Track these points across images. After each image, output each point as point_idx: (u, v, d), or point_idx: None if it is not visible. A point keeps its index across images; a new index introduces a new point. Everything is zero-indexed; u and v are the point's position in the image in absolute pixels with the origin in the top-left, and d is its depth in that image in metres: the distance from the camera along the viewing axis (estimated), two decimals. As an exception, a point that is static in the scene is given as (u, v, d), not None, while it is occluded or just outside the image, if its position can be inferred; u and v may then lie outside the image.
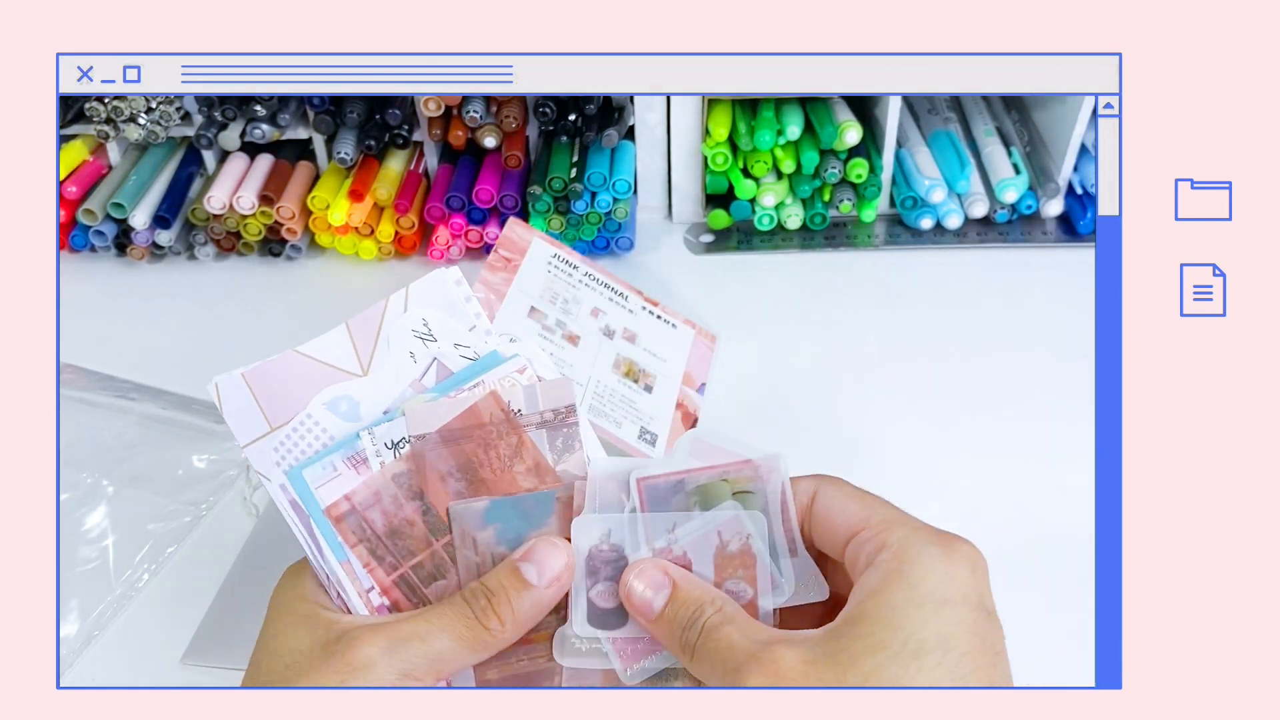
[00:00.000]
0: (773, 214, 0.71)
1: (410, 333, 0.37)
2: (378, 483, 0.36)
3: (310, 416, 0.36)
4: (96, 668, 0.48)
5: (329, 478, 0.35)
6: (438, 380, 0.37)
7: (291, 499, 0.36)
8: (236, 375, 0.36)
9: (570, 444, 0.36)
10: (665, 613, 0.34)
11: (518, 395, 0.36)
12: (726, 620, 0.33)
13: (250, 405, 0.36)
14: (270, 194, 0.68)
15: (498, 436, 0.36)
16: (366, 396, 0.37)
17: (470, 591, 0.35)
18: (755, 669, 0.31)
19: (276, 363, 0.37)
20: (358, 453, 0.36)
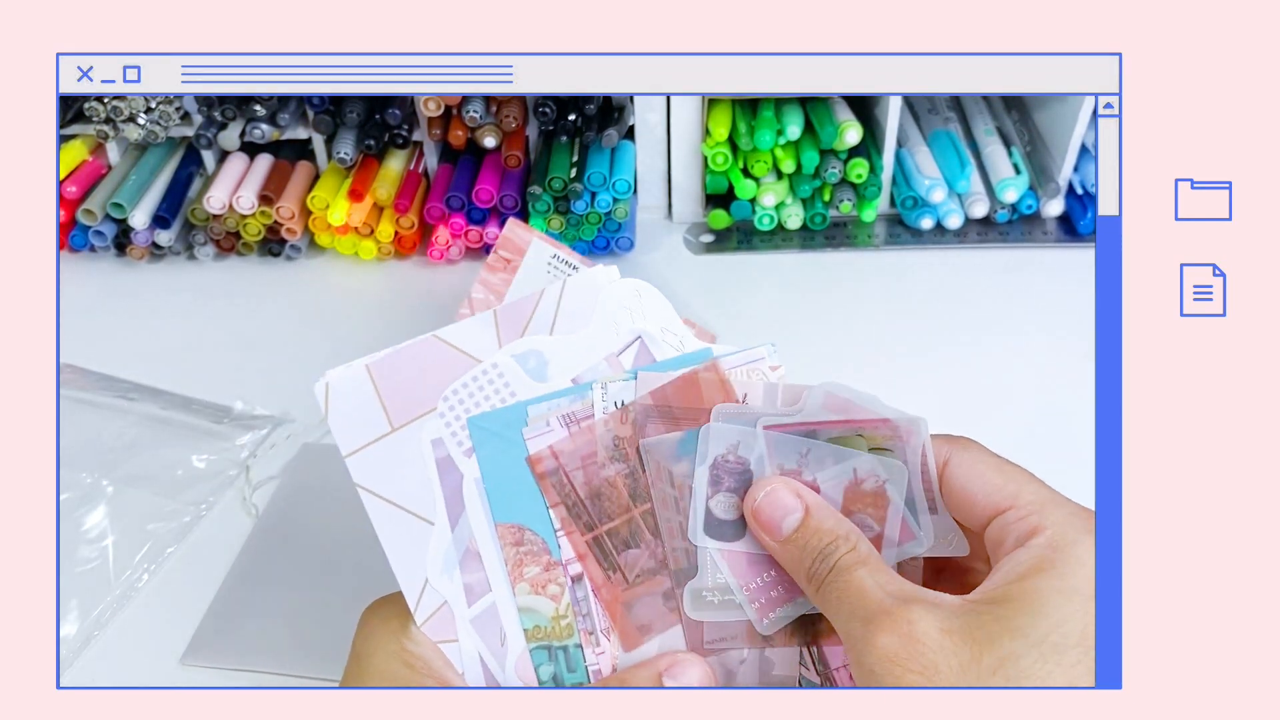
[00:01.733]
0: (773, 214, 0.71)
1: (619, 302, 0.34)
2: (588, 440, 0.33)
3: (495, 366, 0.33)
4: (96, 668, 0.48)
5: (539, 432, 0.33)
6: (636, 363, 0.34)
7: (443, 457, 0.33)
8: (359, 366, 0.33)
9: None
10: (795, 537, 0.32)
11: (755, 389, 0.34)
12: (860, 561, 0.32)
13: (370, 401, 0.33)
14: (270, 194, 0.68)
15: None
16: (558, 356, 0.34)
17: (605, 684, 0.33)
18: (888, 626, 0.29)
19: (409, 350, 0.33)
20: (577, 409, 0.33)
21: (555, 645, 0.33)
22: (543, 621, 0.34)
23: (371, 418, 0.33)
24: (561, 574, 0.33)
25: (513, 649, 0.33)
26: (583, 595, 0.33)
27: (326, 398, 0.33)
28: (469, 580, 0.33)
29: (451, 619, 0.33)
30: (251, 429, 0.58)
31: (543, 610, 0.33)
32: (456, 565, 0.33)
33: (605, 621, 0.33)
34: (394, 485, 0.33)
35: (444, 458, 0.33)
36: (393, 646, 0.33)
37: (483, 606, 0.33)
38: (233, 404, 0.60)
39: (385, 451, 0.33)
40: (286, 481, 0.56)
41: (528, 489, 0.33)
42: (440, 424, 0.33)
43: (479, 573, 0.33)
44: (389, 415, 0.33)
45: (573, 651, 0.33)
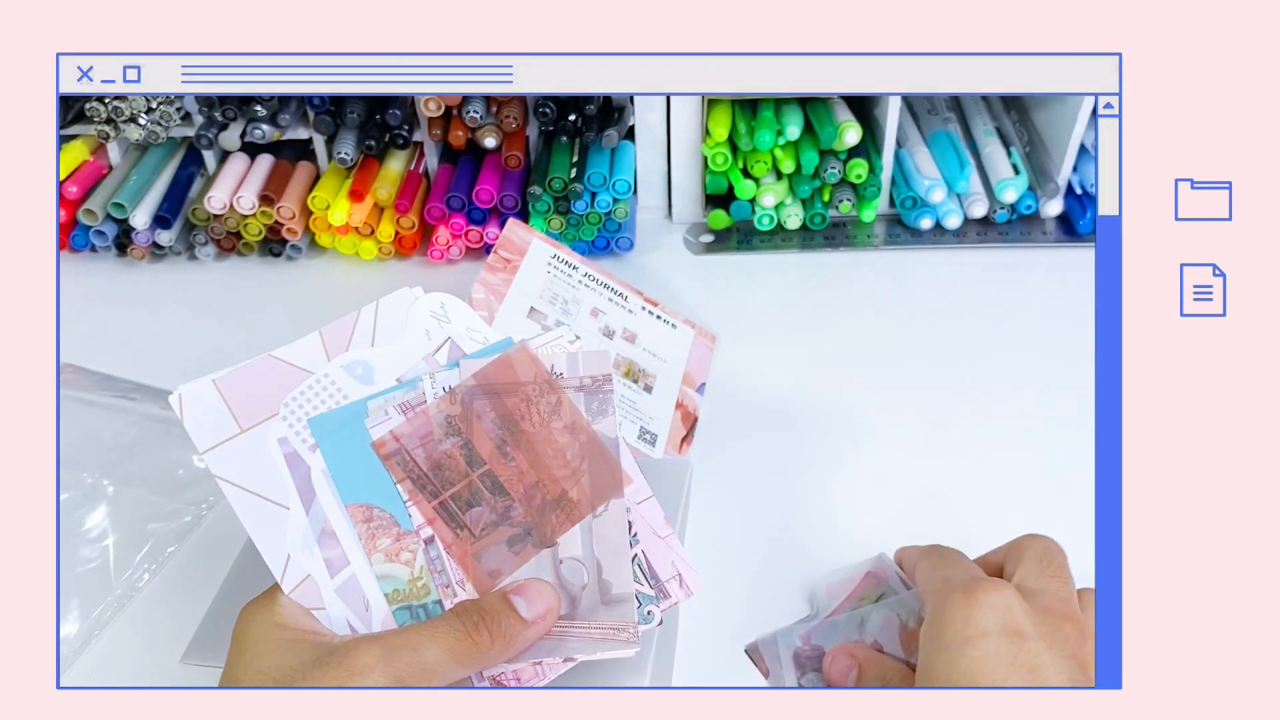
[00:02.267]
0: (772, 214, 0.71)
1: (428, 313, 0.40)
2: (424, 422, 0.38)
3: (328, 376, 0.39)
4: (96, 668, 0.48)
5: (380, 421, 0.38)
6: (450, 358, 0.40)
7: (290, 453, 0.38)
8: (206, 382, 0.39)
9: (604, 408, 0.39)
10: (858, 683, 0.41)
11: (560, 359, 0.39)
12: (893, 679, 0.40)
13: (219, 409, 0.38)
14: (270, 194, 0.68)
15: (538, 394, 0.39)
16: (381, 363, 0.39)
17: (462, 608, 0.36)
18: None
19: (250, 368, 0.39)
20: (410, 399, 0.38)
21: (415, 604, 0.38)
22: (401, 585, 0.38)
23: (221, 421, 0.38)
24: (412, 541, 0.38)
25: (376, 612, 0.37)
26: (435, 555, 0.38)
27: (180, 406, 0.38)
28: (328, 555, 0.38)
29: (317, 588, 0.37)
30: (252, 429, 0.58)
31: (399, 575, 0.38)
32: (315, 543, 0.38)
33: (459, 574, 0.38)
34: (248, 476, 0.38)
35: (290, 453, 0.38)
36: (262, 615, 0.36)
37: (344, 578, 0.37)
38: (233, 404, 0.60)
39: (237, 448, 0.38)
40: (286, 481, 0.56)
41: (370, 473, 0.38)
42: (284, 425, 0.38)
43: (336, 549, 0.38)
44: (237, 419, 0.38)
45: (431, 607, 0.37)
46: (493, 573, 0.37)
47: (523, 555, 0.38)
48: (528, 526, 0.38)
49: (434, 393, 0.39)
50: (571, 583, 0.38)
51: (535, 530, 0.38)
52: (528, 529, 0.38)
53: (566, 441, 0.38)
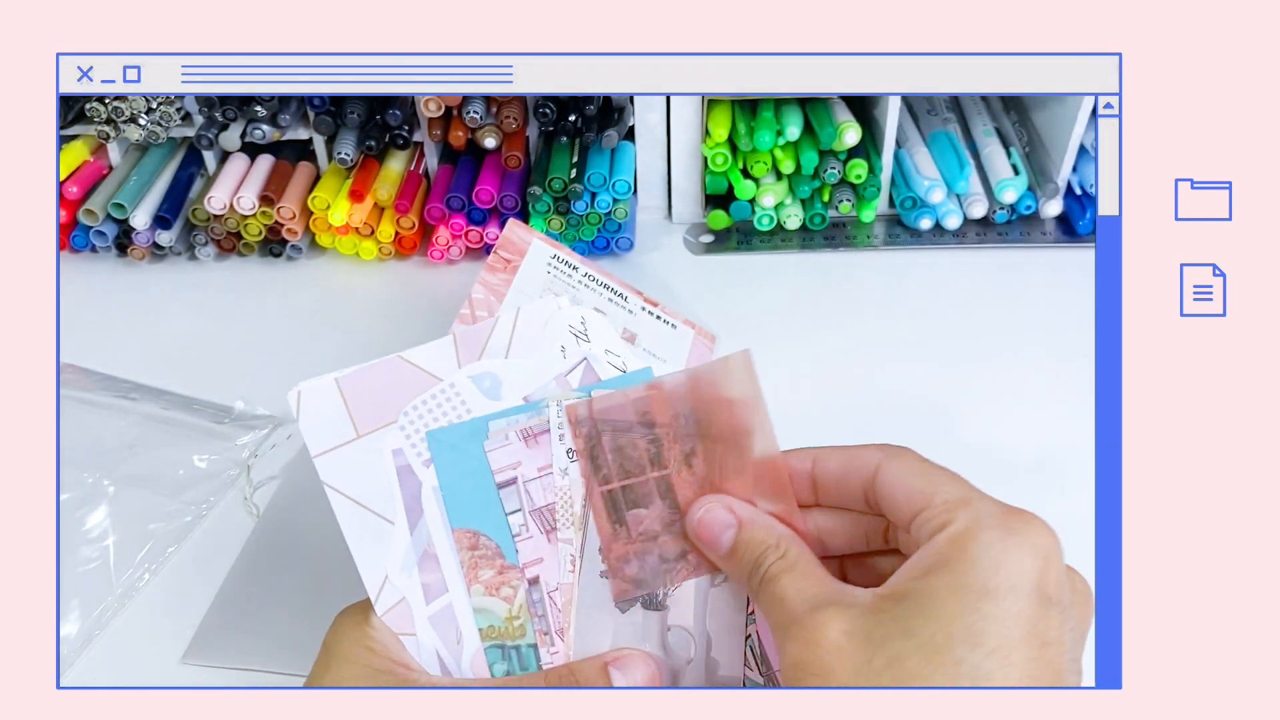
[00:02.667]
0: (772, 214, 0.71)
1: (567, 328, 0.37)
2: (546, 452, 0.36)
3: (453, 386, 0.36)
4: (96, 668, 0.48)
5: (500, 445, 0.36)
6: (583, 382, 0.37)
7: (403, 465, 0.35)
8: (329, 380, 0.36)
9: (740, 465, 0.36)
10: (734, 552, 0.34)
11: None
12: (786, 569, 0.33)
13: (338, 411, 0.36)
14: (271, 194, 0.68)
15: (673, 439, 0.36)
16: (510, 377, 0.37)
17: (557, 675, 0.34)
18: (795, 634, 0.30)
19: (374, 369, 0.36)
20: (533, 425, 0.36)
21: (509, 645, 0.36)
22: (496, 622, 0.36)
23: (338, 425, 0.36)
24: (515, 577, 0.36)
25: (468, 647, 0.35)
26: (538, 597, 0.36)
27: (298, 404, 0.36)
28: (426, 580, 0.36)
29: (410, 613, 0.35)
30: (252, 429, 0.59)
31: (497, 611, 0.36)
32: (415, 565, 0.36)
33: (559, 622, 0.35)
34: (358, 486, 0.36)
35: (404, 466, 0.36)
36: (355, 634, 0.35)
37: (440, 605, 0.36)
38: (234, 404, 0.60)
39: (350, 455, 0.36)
40: (287, 481, 0.56)
41: (482, 497, 0.36)
42: (400, 436, 0.36)
43: (436, 574, 0.36)
44: (355, 423, 0.36)
45: (525, 650, 0.35)
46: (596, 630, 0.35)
47: (674, 574, 0.35)
48: (685, 549, 0.35)
49: (558, 421, 0.36)
50: (677, 654, 0.35)
51: (692, 554, 0.35)
52: (684, 551, 0.35)
53: (689, 498, 0.35)
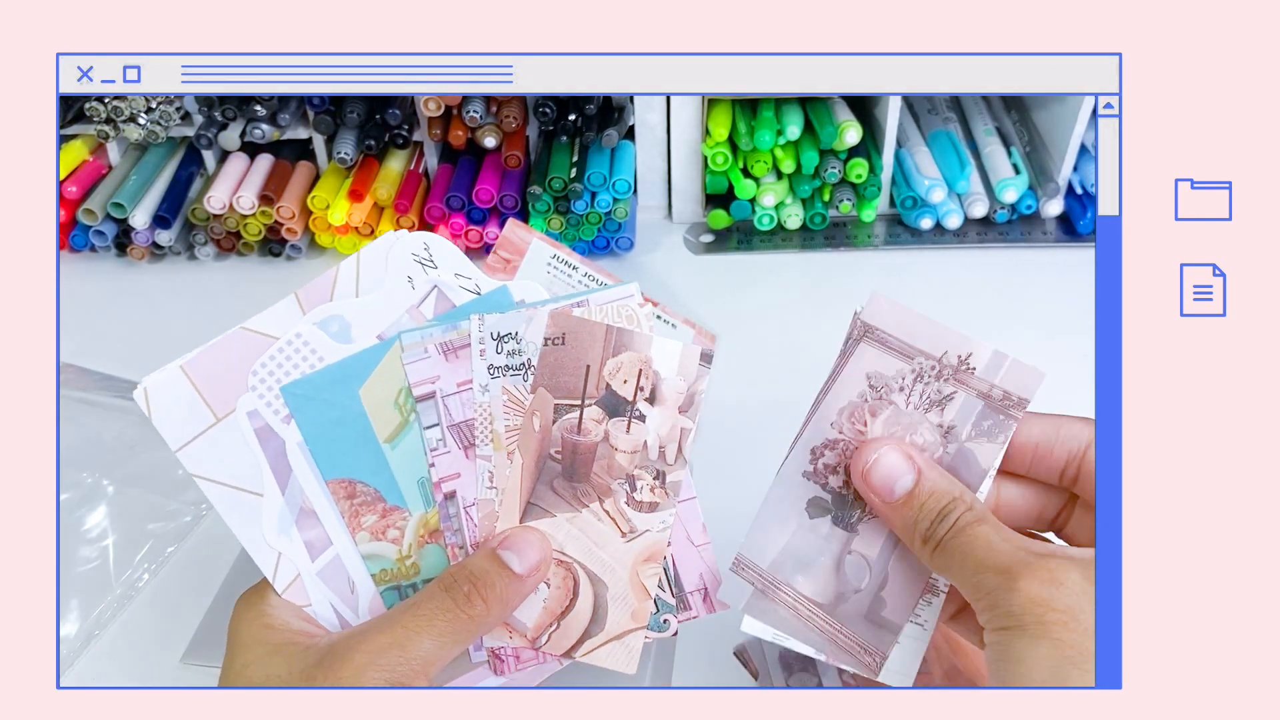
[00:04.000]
0: (773, 214, 0.71)
1: (410, 256, 0.36)
2: (467, 371, 0.35)
3: (300, 336, 0.35)
4: (96, 668, 0.48)
5: (417, 357, 0.34)
6: (436, 311, 0.36)
7: (261, 427, 0.34)
8: (174, 369, 0.35)
9: (994, 433, 0.34)
10: (909, 499, 0.33)
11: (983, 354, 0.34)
12: (980, 519, 0.32)
13: (190, 398, 0.35)
14: (270, 194, 0.68)
15: (936, 376, 0.34)
16: (359, 317, 0.35)
17: (450, 579, 0.34)
18: (1031, 573, 0.30)
19: (219, 346, 0.35)
20: (452, 339, 0.34)
21: (405, 584, 0.35)
22: (388, 565, 0.35)
23: (195, 412, 0.35)
24: (400, 518, 0.35)
25: (363, 594, 0.35)
26: (454, 511, 0.35)
27: (147, 401, 0.35)
28: (308, 537, 0.35)
29: (306, 588, 0.35)
30: (251, 429, 0.59)
31: (387, 554, 0.35)
32: (293, 524, 0.35)
33: (475, 536, 0.35)
34: (228, 469, 0.35)
35: (262, 427, 0.35)
36: (252, 615, 0.35)
37: (327, 559, 0.35)
38: (233, 404, 0.60)
39: (214, 440, 0.35)
40: (286, 481, 0.56)
41: (352, 444, 0.35)
42: (254, 397, 0.35)
43: (317, 529, 0.35)
44: (211, 407, 0.35)
45: (421, 588, 0.35)
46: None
47: (814, 525, 0.34)
48: (839, 499, 0.34)
49: (479, 337, 0.34)
50: (849, 580, 0.34)
51: (844, 506, 0.34)
52: (840, 503, 0.34)
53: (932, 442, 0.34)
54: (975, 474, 0.34)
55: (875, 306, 0.35)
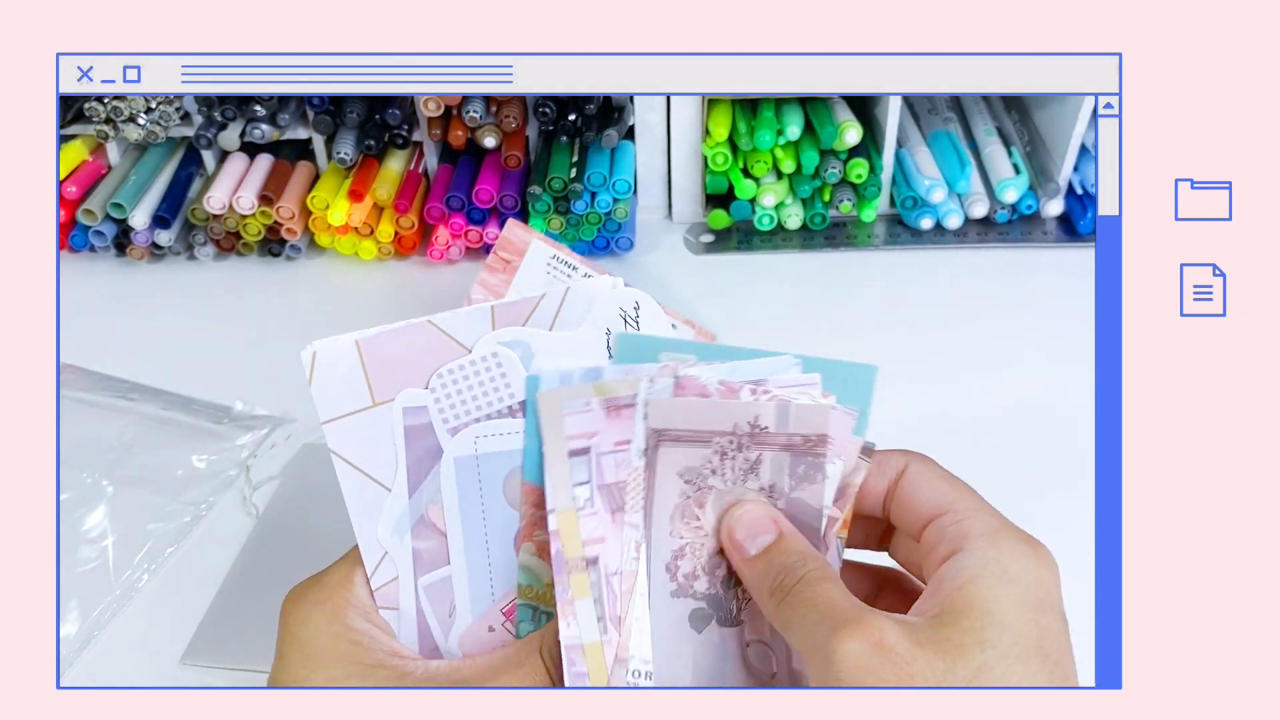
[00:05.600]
0: (773, 214, 0.71)
1: (618, 309, 0.35)
2: (625, 431, 0.34)
3: (495, 355, 0.34)
4: (96, 668, 0.48)
5: (578, 410, 0.33)
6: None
7: (411, 426, 0.34)
8: (348, 341, 0.34)
9: (813, 474, 0.34)
10: (765, 555, 0.33)
11: (769, 412, 0.34)
12: (828, 578, 0.33)
13: (355, 375, 0.34)
14: (270, 194, 0.68)
15: (735, 449, 0.34)
16: (543, 350, 0.35)
17: (548, 646, 0.34)
18: (857, 632, 0.30)
19: (399, 332, 0.34)
20: (620, 398, 0.34)
21: (542, 609, 0.34)
22: (537, 585, 0.35)
23: (355, 390, 0.34)
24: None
25: (459, 623, 0.34)
26: (595, 579, 0.34)
27: (312, 365, 0.34)
28: (419, 546, 0.34)
29: (398, 589, 0.34)
30: (251, 429, 0.58)
31: (540, 574, 0.34)
32: (408, 529, 0.34)
33: (616, 610, 0.34)
34: (368, 456, 0.34)
35: (412, 426, 0.34)
36: (336, 628, 0.33)
37: (438, 577, 0.34)
38: (233, 404, 0.60)
39: (364, 424, 0.34)
40: (286, 481, 0.56)
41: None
42: (429, 397, 0.34)
43: (430, 541, 0.34)
44: (372, 390, 0.34)
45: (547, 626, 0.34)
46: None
47: (706, 637, 0.34)
48: (714, 600, 0.34)
49: (646, 397, 0.34)
50: (759, 669, 0.34)
51: (721, 606, 0.34)
52: (716, 604, 0.34)
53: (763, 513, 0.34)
54: (814, 515, 0.34)
55: (657, 410, 0.34)
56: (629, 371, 0.35)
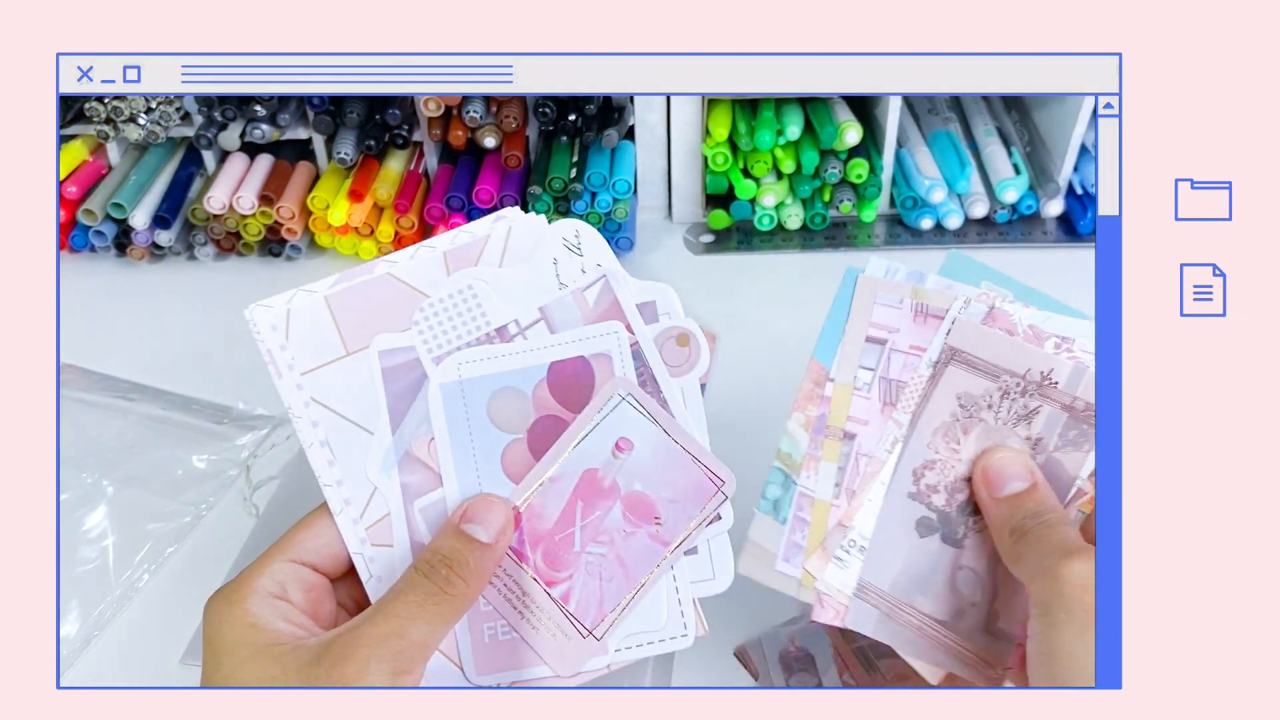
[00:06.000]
0: (773, 214, 0.71)
1: (560, 239, 0.38)
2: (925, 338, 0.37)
3: (470, 288, 0.37)
4: (96, 668, 0.48)
5: (890, 303, 0.37)
6: (599, 300, 0.38)
7: (387, 367, 0.37)
8: (318, 298, 0.37)
9: (1080, 442, 0.36)
10: (1015, 499, 0.36)
11: (1064, 369, 0.36)
12: (1067, 524, 0.35)
13: (327, 327, 0.37)
14: (270, 194, 0.68)
15: (1021, 392, 0.36)
16: (501, 287, 0.38)
17: (426, 565, 0.35)
18: (1086, 556, 0.33)
19: (364, 286, 0.37)
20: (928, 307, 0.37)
21: (791, 476, 0.37)
22: (795, 452, 0.37)
23: (327, 342, 0.37)
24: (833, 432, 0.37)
25: None
26: (846, 451, 0.37)
27: (288, 323, 0.37)
28: (406, 480, 0.37)
29: (390, 526, 0.36)
30: (252, 429, 0.59)
31: (800, 444, 0.37)
32: (395, 465, 0.37)
33: (852, 483, 0.36)
34: (347, 403, 0.37)
35: (389, 368, 0.37)
36: (234, 615, 0.35)
37: (432, 499, 0.37)
38: (233, 404, 0.60)
39: (340, 371, 0.37)
40: (286, 481, 0.56)
41: (855, 348, 0.37)
42: (412, 334, 0.37)
43: (417, 475, 0.37)
44: (345, 340, 0.37)
45: (793, 491, 0.37)
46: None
47: (925, 544, 0.36)
48: (945, 517, 0.36)
49: (956, 314, 0.36)
50: (963, 594, 0.36)
51: (949, 524, 0.36)
52: (945, 521, 0.36)
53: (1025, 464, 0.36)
54: (1064, 482, 0.36)
55: (961, 331, 0.37)
56: (950, 286, 0.37)
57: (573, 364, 0.37)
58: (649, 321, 0.38)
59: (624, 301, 0.38)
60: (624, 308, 0.38)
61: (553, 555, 0.36)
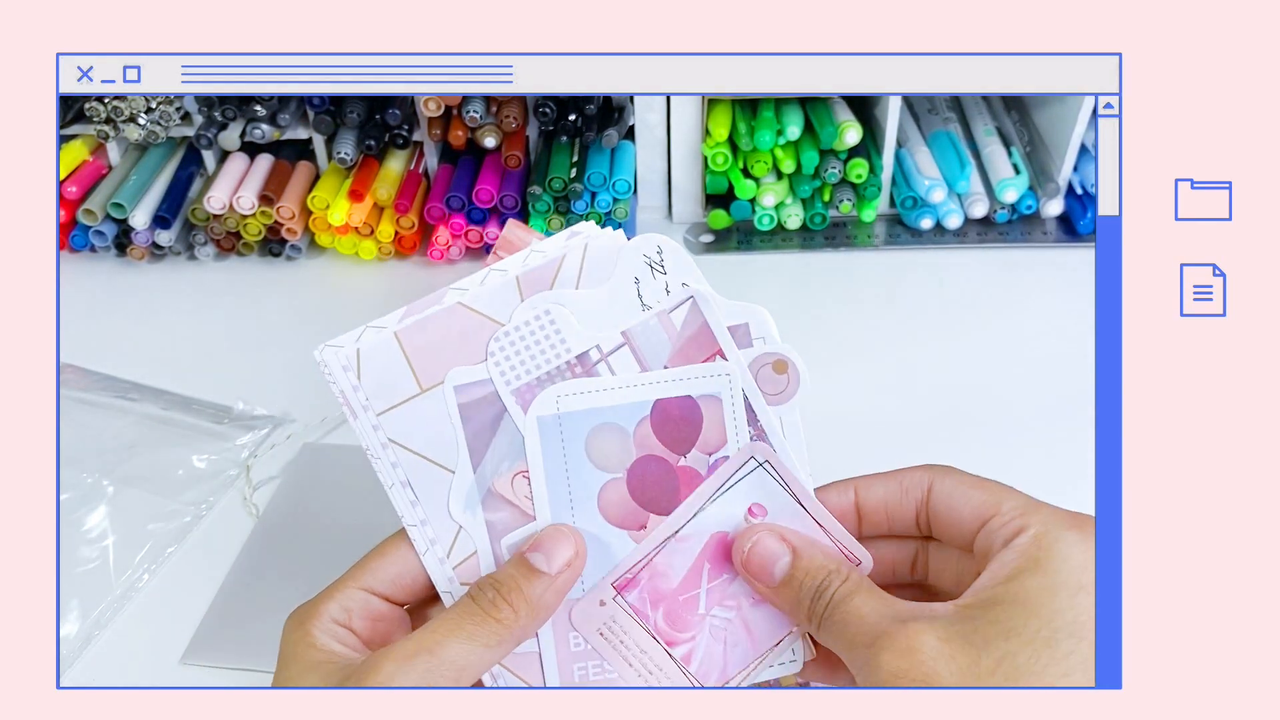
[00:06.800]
0: (773, 214, 0.71)
1: (641, 256, 0.36)
2: None
3: (548, 314, 0.35)
4: (96, 668, 0.48)
5: None
6: (686, 321, 0.36)
7: (465, 402, 0.35)
8: (388, 334, 0.35)
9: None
10: (789, 580, 0.34)
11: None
12: (854, 590, 0.33)
13: (400, 366, 0.35)
14: (270, 194, 0.68)
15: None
16: (580, 310, 0.36)
17: (477, 587, 0.34)
18: (889, 646, 0.31)
19: (435, 319, 0.36)
20: None
21: None
22: None
23: (400, 380, 0.35)
24: None
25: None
26: None
27: (359, 363, 0.35)
28: (491, 518, 0.35)
29: (479, 565, 0.35)
30: (252, 429, 0.59)
31: None
32: (479, 503, 0.35)
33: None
34: (425, 441, 0.35)
35: (465, 404, 0.35)
36: (298, 634, 0.34)
37: (522, 534, 0.35)
38: (233, 404, 0.60)
39: (415, 410, 0.35)
40: (286, 481, 0.56)
41: None
42: (489, 364, 0.35)
43: (502, 512, 0.35)
44: (418, 377, 0.35)
45: None
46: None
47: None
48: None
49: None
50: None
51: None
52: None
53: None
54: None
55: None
56: None
57: (679, 404, 0.36)
58: (742, 346, 0.37)
59: (714, 324, 0.36)
60: (715, 331, 0.36)
61: (675, 615, 0.35)
